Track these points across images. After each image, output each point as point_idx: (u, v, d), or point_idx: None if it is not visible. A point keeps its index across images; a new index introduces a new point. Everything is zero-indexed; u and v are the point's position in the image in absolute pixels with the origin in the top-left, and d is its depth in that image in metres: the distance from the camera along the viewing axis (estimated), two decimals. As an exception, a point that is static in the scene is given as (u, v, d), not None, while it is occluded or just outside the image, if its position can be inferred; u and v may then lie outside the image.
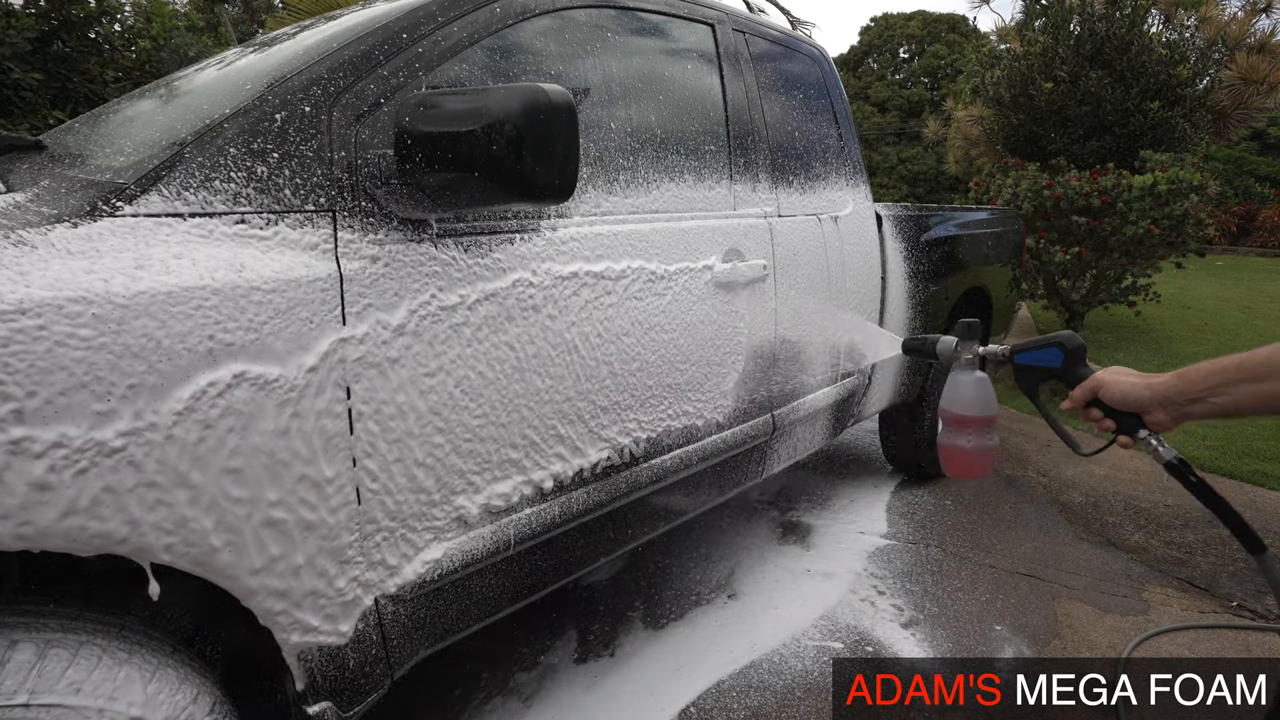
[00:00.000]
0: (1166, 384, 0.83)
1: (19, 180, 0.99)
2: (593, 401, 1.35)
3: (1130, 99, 6.38)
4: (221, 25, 7.23)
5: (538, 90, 0.95)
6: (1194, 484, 0.86)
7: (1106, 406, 0.90)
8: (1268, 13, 7.82)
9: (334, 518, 0.97)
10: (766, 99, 1.92)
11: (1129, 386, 0.86)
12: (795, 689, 1.73)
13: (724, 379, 1.68)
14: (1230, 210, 13.04)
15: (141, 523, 0.79)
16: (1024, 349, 1.01)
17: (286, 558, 0.92)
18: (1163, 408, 0.84)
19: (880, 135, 26.41)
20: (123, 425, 0.76)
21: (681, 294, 1.52)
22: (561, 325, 1.27)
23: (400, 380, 1.03)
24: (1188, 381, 0.81)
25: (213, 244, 0.88)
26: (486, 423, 1.16)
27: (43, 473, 0.71)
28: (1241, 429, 3.67)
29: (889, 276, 2.41)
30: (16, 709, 0.70)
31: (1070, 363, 0.97)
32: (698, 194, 1.64)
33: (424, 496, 1.09)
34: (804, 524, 2.62)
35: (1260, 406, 0.76)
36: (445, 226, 1.11)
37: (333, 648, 1.01)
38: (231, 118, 0.95)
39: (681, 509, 1.70)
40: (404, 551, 1.08)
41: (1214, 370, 0.78)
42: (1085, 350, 0.98)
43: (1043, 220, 5.12)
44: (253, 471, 0.88)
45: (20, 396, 0.69)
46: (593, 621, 1.99)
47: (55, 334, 0.72)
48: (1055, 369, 0.98)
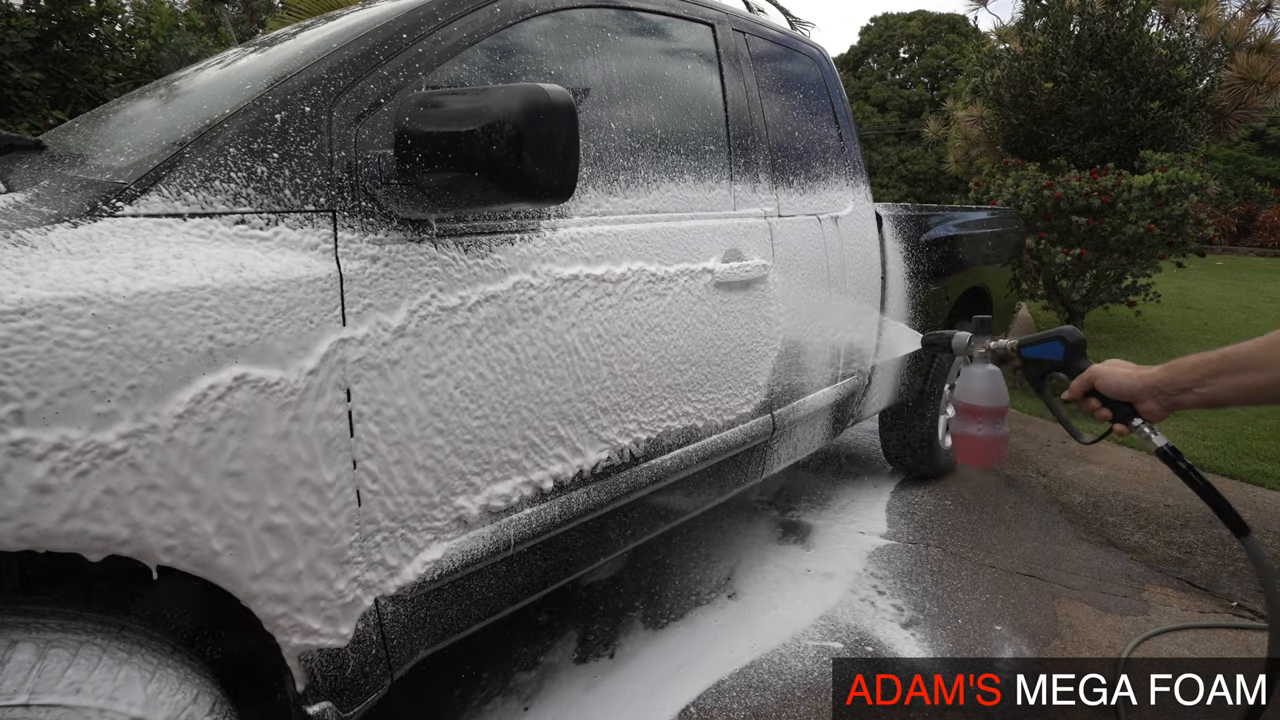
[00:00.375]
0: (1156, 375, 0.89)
1: (19, 180, 0.99)
2: (593, 402, 1.35)
3: (1130, 99, 6.38)
4: (221, 25, 7.23)
5: (538, 90, 0.95)
6: (1183, 469, 0.93)
7: (1103, 396, 0.96)
8: (1268, 13, 7.81)
9: (334, 521, 0.97)
10: (766, 99, 1.92)
11: (1122, 377, 0.93)
12: (795, 689, 1.73)
13: (724, 379, 1.68)
14: (1230, 210, 13.03)
15: (143, 526, 0.79)
16: (1030, 343, 1.07)
17: (287, 563, 0.92)
18: (1153, 397, 0.90)
19: (880, 135, 26.40)
20: (124, 427, 0.76)
21: (681, 295, 1.52)
22: (562, 326, 1.27)
23: (400, 382, 1.03)
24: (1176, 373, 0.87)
25: (213, 244, 0.88)
26: (486, 424, 1.16)
27: (44, 475, 0.71)
28: (1241, 429, 3.67)
29: (889, 276, 2.41)
30: (16, 709, 0.70)
31: (1071, 355, 1.03)
32: (698, 194, 1.64)
33: (424, 498, 1.09)
34: (804, 524, 2.62)
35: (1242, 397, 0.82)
36: (445, 226, 1.11)
37: (333, 649, 1.01)
38: (231, 118, 0.95)
39: (681, 509, 1.70)
40: (404, 552, 1.08)
41: (1200, 363, 0.84)
42: (1085, 344, 1.04)
43: (1043, 220, 5.12)
44: (254, 476, 0.88)
45: (20, 397, 0.69)
46: (593, 621, 1.99)
47: (55, 334, 0.72)
48: (1057, 361, 1.04)
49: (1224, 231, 13.13)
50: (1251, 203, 16.09)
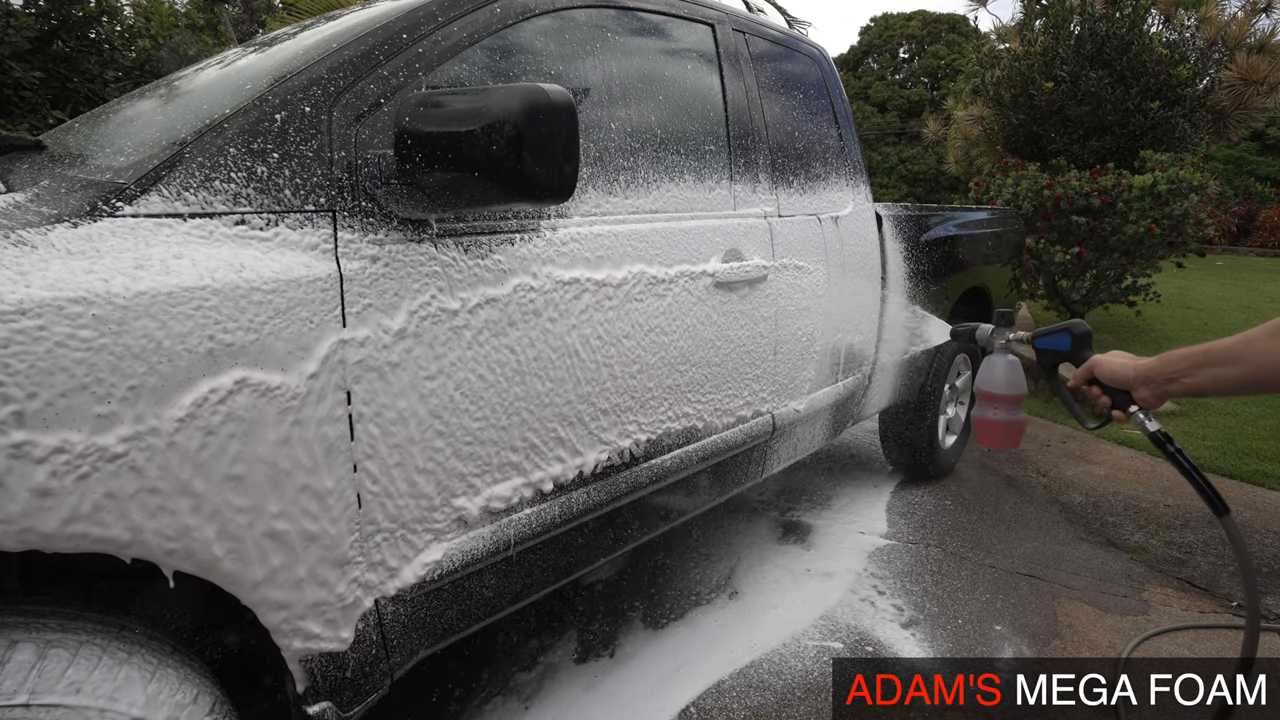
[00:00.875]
0: (1148, 365, 0.98)
1: (19, 180, 0.99)
2: (592, 404, 1.35)
3: (1130, 99, 6.38)
4: (221, 24, 7.23)
5: (538, 90, 0.95)
6: (1170, 452, 1.01)
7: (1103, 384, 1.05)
8: (1268, 13, 7.81)
9: (335, 526, 0.97)
10: (766, 99, 1.92)
11: (1119, 366, 1.02)
12: (795, 689, 1.73)
13: (724, 380, 1.68)
14: (1230, 210, 13.02)
15: (144, 529, 0.79)
16: (1042, 334, 1.17)
17: (288, 568, 0.92)
18: (1146, 385, 0.98)
19: (880, 135, 26.39)
20: (124, 430, 0.76)
21: (681, 295, 1.52)
22: (562, 328, 1.27)
23: (401, 383, 1.03)
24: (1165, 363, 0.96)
25: (213, 244, 0.88)
26: (486, 425, 1.16)
27: (45, 478, 0.71)
28: (1241, 429, 3.67)
29: (889, 276, 2.41)
30: (17, 709, 0.70)
31: (1077, 346, 1.12)
32: (698, 194, 1.64)
33: (424, 499, 1.09)
34: (804, 524, 2.62)
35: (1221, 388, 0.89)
36: (445, 227, 1.11)
37: (334, 651, 1.01)
38: (231, 118, 0.95)
39: (681, 509, 1.70)
40: (404, 553, 1.08)
41: (1187, 355, 0.92)
42: (1090, 336, 1.13)
43: (1043, 220, 5.12)
44: (255, 480, 0.88)
45: (21, 399, 0.69)
46: (593, 621, 1.99)
47: (55, 335, 0.72)
48: (1065, 351, 1.14)
49: (1224, 231, 13.12)
50: (1251, 203, 16.08)
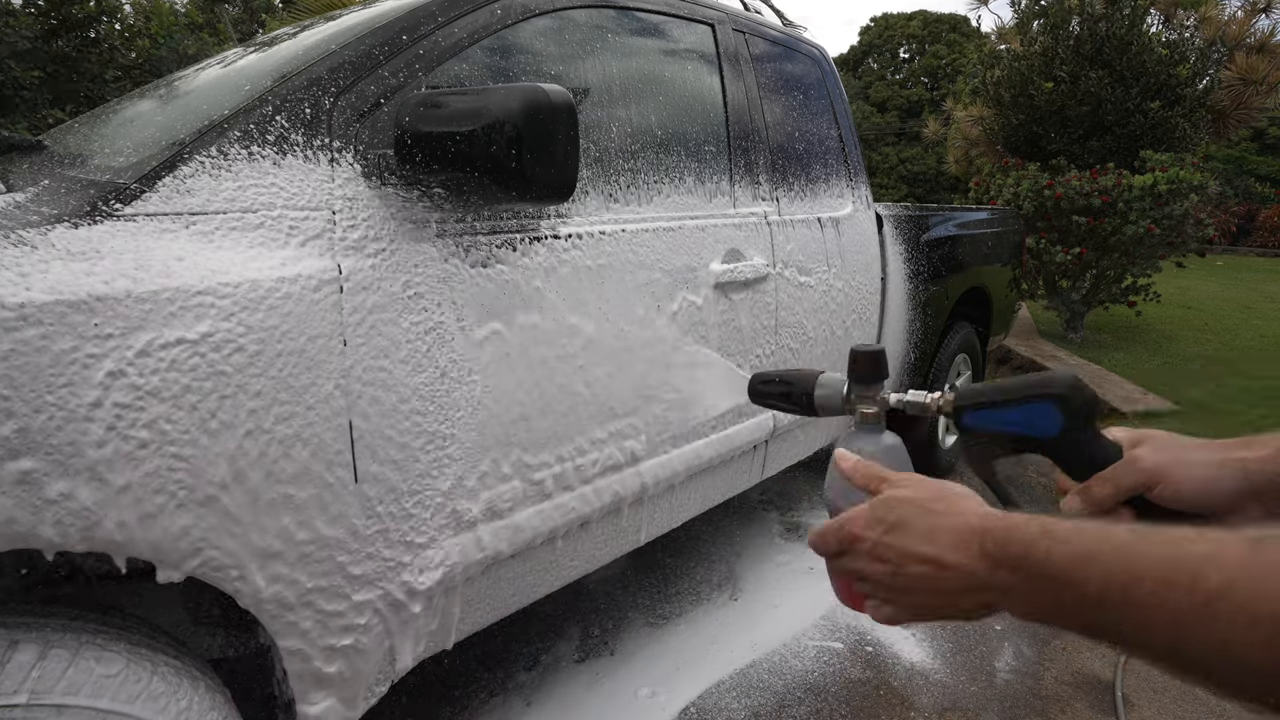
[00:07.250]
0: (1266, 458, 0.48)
1: (19, 180, 0.99)
2: (593, 403, 1.35)
3: (1130, 99, 6.38)
4: (221, 24, 7.23)
5: (538, 90, 0.95)
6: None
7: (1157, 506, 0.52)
8: (1267, 13, 7.81)
9: (337, 530, 0.97)
10: (767, 100, 1.92)
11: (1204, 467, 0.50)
12: (795, 689, 1.73)
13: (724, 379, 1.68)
14: (1230, 210, 13.04)
15: (151, 533, 0.79)
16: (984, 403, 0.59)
17: (289, 573, 0.92)
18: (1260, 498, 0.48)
19: (880, 135, 26.41)
20: None
21: (681, 296, 1.52)
22: (562, 327, 1.27)
23: (402, 384, 1.03)
24: None
25: (213, 244, 0.88)
26: (488, 426, 1.16)
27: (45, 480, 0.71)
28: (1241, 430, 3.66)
29: (889, 277, 2.41)
30: (17, 709, 0.70)
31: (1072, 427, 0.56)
32: (697, 195, 1.63)
33: (426, 500, 1.09)
34: (805, 524, 2.62)
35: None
36: (445, 226, 1.11)
37: (334, 650, 1.00)
38: (231, 118, 0.95)
39: (682, 509, 1.70)
40: (405, 555, 1.08)
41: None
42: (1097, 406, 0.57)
43: (1043, 220, 5.13)
44: (258, 485, 0.88)
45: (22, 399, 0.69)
46: (593, 621, 1.99)
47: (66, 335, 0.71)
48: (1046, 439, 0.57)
49: (1224, 231, 13.12)
50: (1251, 203, 16.09)
